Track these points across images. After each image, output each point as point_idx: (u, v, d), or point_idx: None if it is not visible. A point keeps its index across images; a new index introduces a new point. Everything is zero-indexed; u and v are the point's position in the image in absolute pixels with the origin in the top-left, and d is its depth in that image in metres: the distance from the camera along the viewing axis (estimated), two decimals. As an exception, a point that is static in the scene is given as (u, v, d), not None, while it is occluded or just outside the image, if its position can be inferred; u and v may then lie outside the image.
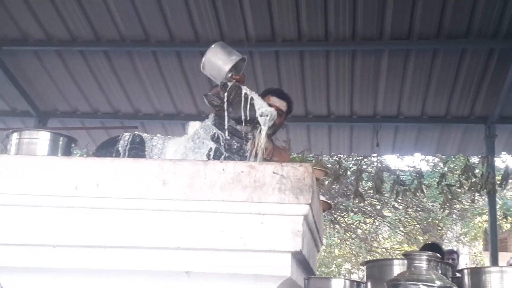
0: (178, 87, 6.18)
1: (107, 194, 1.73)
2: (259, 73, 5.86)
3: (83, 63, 5.99)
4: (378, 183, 6.56)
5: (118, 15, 5.43)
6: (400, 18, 5.19)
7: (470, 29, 5.23)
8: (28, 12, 5.44)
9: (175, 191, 1.69)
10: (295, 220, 1.67)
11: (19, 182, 1.76)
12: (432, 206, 12.98)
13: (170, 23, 5.46)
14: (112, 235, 1.72)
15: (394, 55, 5.60)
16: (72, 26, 5.58)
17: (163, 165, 1.74)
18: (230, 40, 5.54)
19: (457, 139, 6.67)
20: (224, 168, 1.69)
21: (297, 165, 1.68)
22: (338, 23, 5.27)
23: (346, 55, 5.64)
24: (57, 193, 1.75)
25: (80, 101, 6.54)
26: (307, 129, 6.77)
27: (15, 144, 2.33)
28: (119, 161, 1.86)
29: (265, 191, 1.66)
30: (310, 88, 6.05)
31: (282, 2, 5.11)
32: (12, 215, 1.76)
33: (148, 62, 5.92)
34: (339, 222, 13.93)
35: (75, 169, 1.77)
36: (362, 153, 7.82)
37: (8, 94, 6.43)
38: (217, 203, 1.68)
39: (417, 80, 5.81)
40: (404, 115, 6.33)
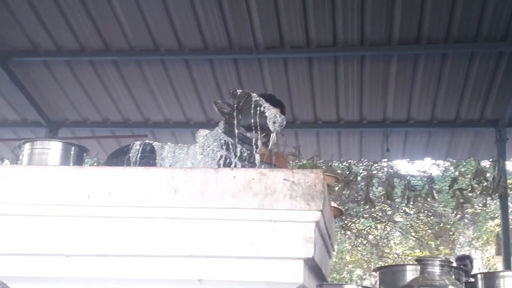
0: (187, 95, 6.20)
1: (119, 203, 1.73)
2: (268, 80, 5.87)
3: (93, 72, 6.03)
4: (389, 189, 6.53)
5: (127, 25, 5.46)
6: (408, 23, 5.18)
7: (479, 33, 5.21)
8: (38, 23, 5.49)
9: (187, 199, 1.70)
10: (307, 226, 1.66)
11: (31, 192, 1.77)
12: (443, 211, 12.90)
13: (179, 32, 5.49)
14: (125, 244, 1.72)
15: (403, 60, 5.59)
16: (82, 36, 5.62)
17: (174, 173, 1.74)
18: (239, 48, 5.57)
19: (467, 143, 6.64)
20: (235, 175, 1.70)
21: (308, 171, 1.68)
22: (347, 29, 5.27)
23: (354, 61, 5.64)
24: (69, 203, 1.76)
25: (90, 111, 6.58)
26: (316, 135, 6.76)
27: (27, 154, 2.34)
28: (130, 169, 1.87)
29: (276, 198, 1.66)
30: (319, 94, 6.06)
31: (290, 8, 5.12)
32: (25, 225, 1.77)
33: (157, 71, 5.95)
34: (350, 228, 13.88)
35: (87, 178, 1.78)
36: (372, 158, 7.81)
37: (19, 105, 6.48)
38: (228, 211, 1.68)
39: (426, 84, 5.80)
40: (414, 119, 6.32)
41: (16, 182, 1.78)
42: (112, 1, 5.21)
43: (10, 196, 1.77)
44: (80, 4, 5.24)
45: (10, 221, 1.78)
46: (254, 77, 5.86)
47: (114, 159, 2.19)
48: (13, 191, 1.77)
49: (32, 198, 1.77)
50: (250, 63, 5.76)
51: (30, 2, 5.27)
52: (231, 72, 5.85)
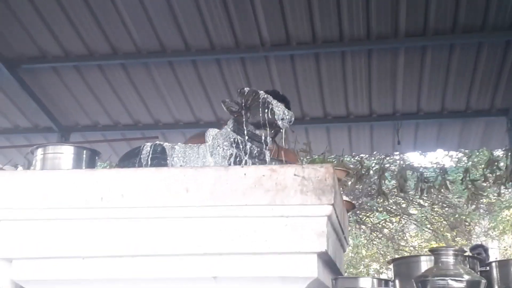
0: (196, 95, 6.22)
1: (132, 204, 1.76)
2: (276, 77, 5.88)
3: (101, 76, 6.07)
4: (401, 181, 6.51)
5: (133, 28, 5.49)
6: (414, 14, 5.16)
7: (485, 22, 5.17)
8: (46, 30, 5.53)
9: (199, 198, 1.72)
10: (319, 221, 1.68)
11: (45, 197, 1.80)
12: (458, 202, 12.85)
13: (185, 33, 5.50)
14: (139, 244, 1.75)
15: (410, 52, 5.57)
16: (89, 41, 5.65)
17: (185, 173, 1.76)
18: (245, 46, 5.58)
19: (479, 133, 6.61)
20: (246, 172, 1.72)
21: (317, 166, 1.69)
22: (352, 23, 5.26)
23: (362, 55, 5.62)
24: (83, 206, 1.79)
25: (100, 114, 6.62)
26: (326, 131, 6.76)
27: (40, 159, 2.37)
28: (142, 170, 1.90)
29: (287, 193, 1.68)
30: (328, 90, 6.05)
31: (295, 5, 5.12)
32: (41, 229, 1.80)
33: (165, 72, 5.98)
34: (364, 222, 13.86)
35: (100, 181, 1.81)
36: (383, 151, 7.79)
37: (30, 111, 6.53)
38: (240, 208, 1.70)
39: (435, 75, 5.77)
40: (424, 111, 6.29)
41: (31, 187, 1.81)
42: (118, 5, 5.24)
43: (24, 202, 1.80)
44: (87, 9, 5.27)
45: (26, 226, 1.81)
46: (261, 75, 5.87)
47: (125, 161, 2.22)
48: (27, 196, 1.80)
49: (46, 203, 1.79)
50: (257, 61, 5.77)
51: (37, 9, 5.31)
52: (238, 70, 5.87)
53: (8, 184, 1.83)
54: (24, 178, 1.86)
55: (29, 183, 1.83)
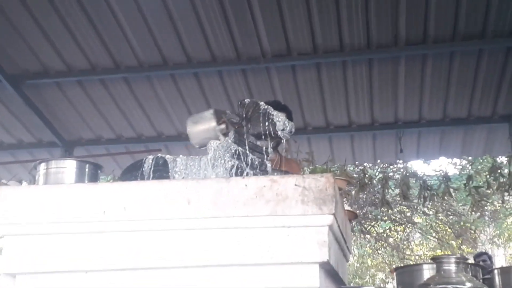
0: (198, 107, 6.23)
1: (135, 216, 1.77)
2: (277, 88, 5.90)
3: (104, 91, 6.10)
4: (404, 189, 6.52)
5: (135, 42, 5.52)
6: (414, 23, 5.18)
7: (485, 29, 5.19)
8: (48, 45, 5.57)
9: (200, 210, 1.73)
10: (320, 230, 1.68)
11: (49, 211, 1.81)
12: (463, 210, 12.79)
13: (186, 46, 5.54)
14: (141, 257, 1.75)
15: (411, 60, 5.59)
16: (91, 56, 5.69)
17: (187, 185, 1.77)
18: (246, 58, 5.61)
19: (481, 140, 6.60)
20: (247, 183, 1.73)
21: (318, 176, 1.70)
22: (353, 33, 5.28)
23: (362, 64, 5.64)
24: (86, 219, 1.80)
25: (103, 128, 6.65)
26: (329, 140, 6.77)
27: (43, 174, 2.39)
28: (144, 183, 1.91)
29: (288, 203, 1.68)
30: (329, 99, 6.07)
31: (295, 16, 5.15)
32: (44, 244, 1.81)
33: (168, 85, 6.01)
34: (369, 232, 13.80)
35: (102, 194, 1.82)
36: (386, 160, 7.79)
37: (33, 126, 6.57)
38: (241, 219, 1.71)
39: (436, 83, 5.79)
40: (426, 119, 6.30)
41: (34, 202, 1.83)
42: (119, 19, 5.28)
43: (28, 216, 1.81)
44: (89, 24, 5.32)
45: (29, 240, 1.82)
46: (263, 86, 5.89)
47: (128, 174, 2.23)
48: (31, 211, 1.81)
49: (49, 217, 1.81)
50: (258, 73, 5.79)
51: (39, 26, 5.36)
52: (240, 82, 5.89)
53: (11, 199, 1.84)
54: (27, 193, 1.87)
55: (32, 198, 1.84)
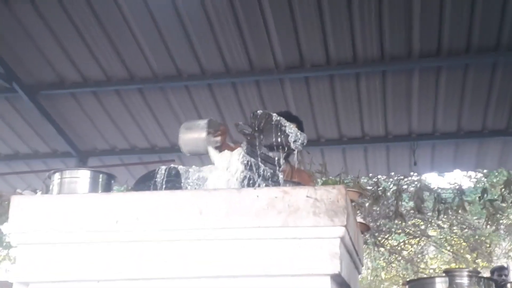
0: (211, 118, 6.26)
1: (147, 226, 1.78)
2: (291, 100, 5.91)
3: (119, 101, 6.15)
4: (418, 202, 6.48)
5: (150, 53, 5.58)
6: (428, 35, 5.17)
7: (499, 42, 5.16)
8: (64, 56, 5.64)
9: (212, 220, 1.73)
10: (332, 242, 1.68)
11: (62, 221, 1.83)
12: (478, 223, 12.66)
13: (201, 57, 5.58)
14: (153, 267, 1.76)
15: (425, 72, 5.57)
16: (107, 67, 5.75)
17: (199, 195, 1.78)
18: (260, 69, 5.63)
19: (496, 152, 6.55)
20: (258, 194, 1.73)
21: (330, 187, 1.70)
22: (366, 45, 5.28)
23: (376, 76, 5.64)
24: (99, 229, 1.81)
25: (118, 139, 6.69)
26: (342, 152, 6.74)
27: (57, 184, 2.40)
28: (156, 194, 1.92)
29: (299, 215, 1.68)
30: (343, 111, 6.06)
31: (308, 28, 5.17)
32: (57, 253, 1.82)
33: (181, 96, 6.04)
34: (383, 245, 13.69)
35: (115, 204, 1.83)
36: (400, 172, 7.73)
37: (48, 136, 6.63)
38: (253, 230, 1.71)
39: (450, 96, 5.76)
40: (440, 131, 6.26)
41: (47, 211, 1.84)
42: (134, 31, 5.34)
43: (41, 225, 1.83)
44: (104, 36, 5.38)
45: (42, 250, 1.83)
46: (276, 97, 5.90)
47: (141, 185, 2.24)
48: (44, 220, 1.83)
49: (62, 226, 1.82)
50: (272, 84, 5.81)
51: (55, 37, 5.43)
52: (253, 93, 5.91)
53: (25, 209, 1.86)
54: (41, 202, 1.89)
55: (46, 208, 1.86)
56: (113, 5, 5.10)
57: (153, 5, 5.10)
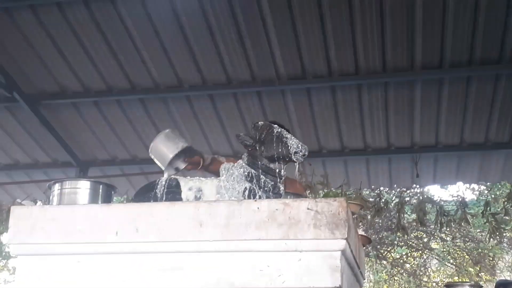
0: (212, 129, 6.26)
1: (146, 238, 1.76)
2: (292, 111, 5.90)
3: (120, 111, 6.15)
4: (420, 215, 6.44)
5: (151, 63, 5.58)
6: (430, 47, 5.16)
7: (502, 54, 5.15)
8: (65, 66, 5.65)
9: (212, 232, 1.71)
10: (333, 255, 1.66)
11: (62, 231, 1.81)
12: (481, 236, 12.60)
13: (202, 68, 5.58)
14: (153, 278, 1.74)
15: (427, 84, 5.56)
16: (108, 77, 5.75)
17: (199, 207, 1.77)
18: (262, 80, 5.63)
19: (499, 165, 6.52)
20: (259, 206, 1.71)
21: (331, 200, 1.68)
22: (368, 56, 5.28)
23: (378, 88, 5.63)
24: (99, 240, 1.79)
25: (118, 149, 6.68)
26: (344, 164, 6.72)
27: (57, 194, 2.39)
28: (156, 205, 1.90)
29: (300, 227, 1.67)
30: (345, 122, 6.05)
31: (310, 39, 5.17)
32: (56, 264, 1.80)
33: (183, 107, 6.03)
34: (385, 257, 13.63)
35: (115, 215, 1.82)
36: (402, 185, 7.70)
37: (49, 146, 6.62)
38: (253, 242, 1.69)
39: (453, 108, 5.74)
40: (443, 144, 6.23)
41: (47, 222, 1.83)
42: (136, 41, 5.34)
43: (40, 236, 1.81)
44: (106, 46, 5.39)
45: (42, 260, 1.81)
46: (278, 108, 5.90)
47: (141, 196, 2.23)
48: (43, 231, 1.81)
49: (62, 237, 1.80)
50: (273, 95, 5.81)
51: (57, 47, 5.44)
52: (255, 104, 5.90)
53: (24, 219, 1.84)
54: (40, 213, 1.87)
55: (45, 218, 1.84)
56: (114, 15, 5.11)
57: (154, 15, 5.11)
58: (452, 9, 4.80)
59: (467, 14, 4.84)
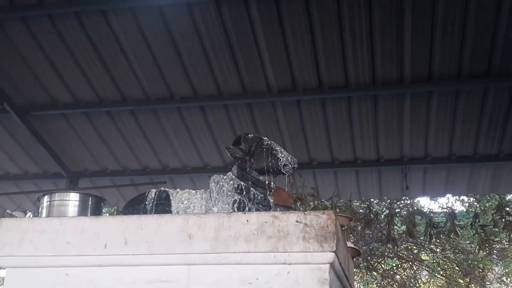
0: (203, 140, 6.27)
1: (135, 251, 1.76)
2: (283, 123, 5.92)
3: (111, 123, 6.14)
4: (410, 226, 6.47)
5: (142, 75, 5.59)
6: (419, 61, 5.21)
7: (491, 67, 5.21)
8: (56, 77, 5.64)
9: (201, 245, 1.72)
10: (321, 268, 1.67)
11: (50, 244, 1.81)
12: (471, 248, 12.64)
13: (193, 80, 5.59)
14: (141, 292, 1.74)
15: (416, 97, 5.61)
16: (99, 88, 5.75)
17: (188, 220, 1.77)
18: (252, 92, 5.65)
19: (488, 178, 6.57)
20: (248, 219, 1.72)
21: (319, 212, 1.69)
22: (358, 69, 5.32)
23: (368, 100, 5.67)
24: (88, 252, 1.79)
25: (109, 160, 6.67)
26: (334, 175, 6.75)
27: (46, 206, 2.39)
28: (145, 218, 1.91)
29: (289, 240, 1.67)
30: (335, 135, 6.08)
31: (301, 52, 5.20)
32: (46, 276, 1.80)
33: (174, 118, 6.04)
34: (376, 269, 13.63)
35: (104, 228, 1.82)
36: (392, 196, 7.74)
37: (39, 157, 6.60)
38: (242, 255, 1.70)
39: (442, 120, 5.79)
40: (432, 156, 6.28)
41: (35, 234, 1.82)
42: (127, 52, 5.35)
43: (29, 248, 1.81)
44: (96, 57, 5.39)
45: (30, 273, 1.81)
46: (268, 120, 5.92)
47: (130, 208, 2.23)
48: (32, 243, 1.81)
49: (50, 249, 1.80)
50: (264, 107, 5.83)
51: (47, 57, 5.44)
52: (245, 116, 5.92)
53: (13, 231, 1.84)
54: (28, 225, 1.87)
55: (33, 231, 1.84)
56: (105, 27, 5.12)
57: (145, 27, 5.12)
58: (440, 23, 4.86)
59: (456, 28, 4.89)
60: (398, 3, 4.77)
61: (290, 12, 4.87)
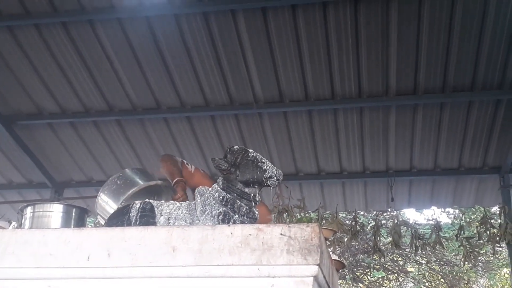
0: (190, 151, 6.26)
1: (119, 263, 1.75)
2: (269, 134, 5.94)
3: (97, 132, 6.12)
4: (396, 237, 6.48)
5: (129, 86, 5.58)
6: (405, 74, 5.26)
7: (475, 81, 5.27)
8: (42, 87, 5.62)
9: (185, 257, 1.71)
10: (305, 281, 1.66)
11: (32, 255, 1.79)
12: (456, 260, 12.70)
13: (180, 90, 5.59)
14: (124, 305, 1.72)
15: (402, 110, 5.65)
16: (85, 98, 5.73)
17: (172, 232, 1.76)
18: (239, 103, 5.66)
19: (472, 190, 6.63)
20: (232, 231, 1.71)
21: (304, 225, 1.69)
22: (344, 82, 5.36)
23: (354, 112, 5.70)
24: (70, 265, 1.77)
25: (94, 170, 6.63)
26: (320, 187, 6.77)
27: (29, 217, 2.38)
28: (129, 230, 1.89)
29: (273, 253, 1.67)
30: (321, 146, 6.10)
31: (288, 64, 5.23)
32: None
33: (160, 128, 6.03)
34: (362, 280, 13.63)
35: (87, 240, 1.80)
36: (377, 208, 7.78)
37: (24, 167, 6.55)
38: (226, 268, 1.69)
39: (427, 133, 5.84)
40: (417, 168, 6.33)
41: (17, 246, 1.80)
42: (114, 63, 5.35)
43: (10, 260, 1.79)
44: (83, 67, 5.38)
45: (12, 285, 1.78)
46: (255, 131, 5.93)
47: (114, 220, 2.21)
48: (13, 255, 1.79)
49: (32, 261, 1.78)
50: (251, 118, 5.84)
51: (33, 66, 5.42)
52: (232, 127, 5.93)
53: (-6, 242, 1.82)
54: (12, 236, 1.85)
55: (17, 242, 1.82)
56: (92, 37, 5.12)
57: (133, 37, 5.13)
58: (426, 37, 4.91)
59: (441, 42, 4.95)
60: (384, 17, 4.81)
61: (277, 24, 4.90)
